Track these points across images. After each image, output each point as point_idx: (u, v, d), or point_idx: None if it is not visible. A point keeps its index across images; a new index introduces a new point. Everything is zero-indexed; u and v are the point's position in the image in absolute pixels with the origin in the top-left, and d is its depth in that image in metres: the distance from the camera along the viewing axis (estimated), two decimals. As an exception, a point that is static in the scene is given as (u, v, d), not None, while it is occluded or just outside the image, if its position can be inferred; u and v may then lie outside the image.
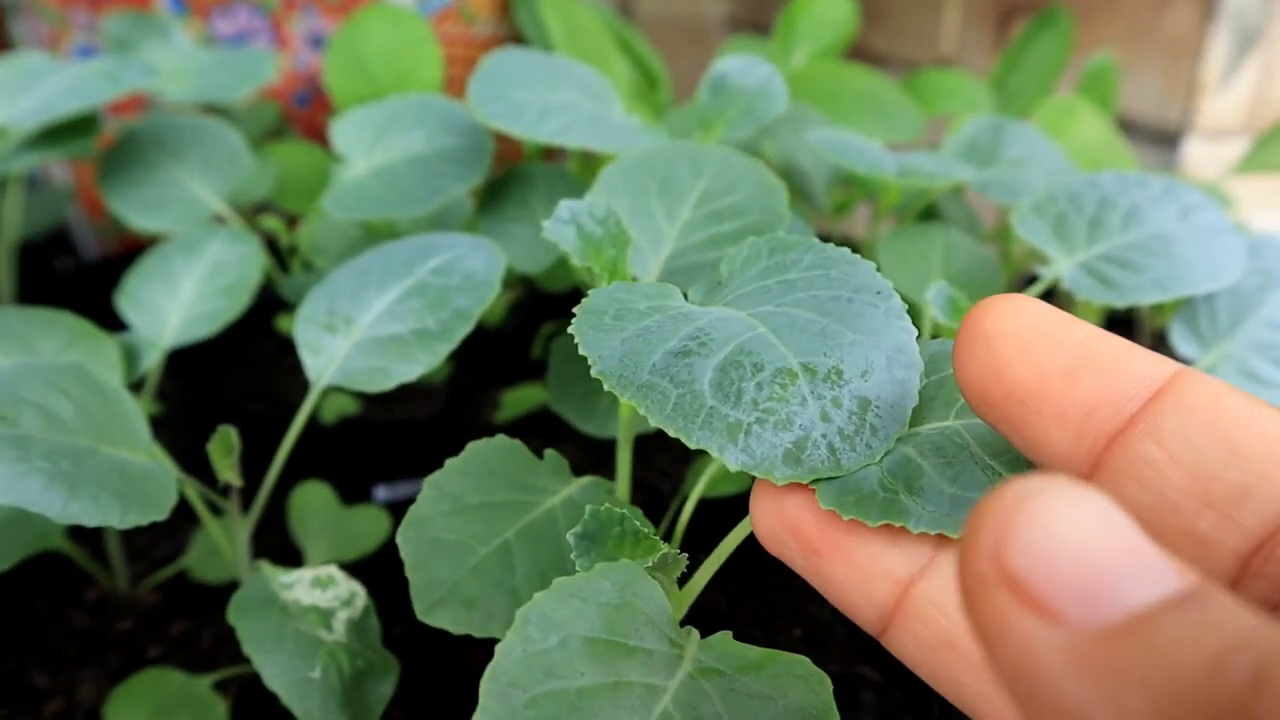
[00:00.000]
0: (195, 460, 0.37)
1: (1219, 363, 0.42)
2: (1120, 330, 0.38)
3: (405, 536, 0.26)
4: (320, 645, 0.30)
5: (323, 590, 0.31)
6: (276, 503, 0.46)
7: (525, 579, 0.26)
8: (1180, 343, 0.44)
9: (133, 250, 0.72)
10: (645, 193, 0.33)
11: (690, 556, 0.25)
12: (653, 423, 0.20)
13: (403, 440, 0.55)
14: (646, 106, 0.69)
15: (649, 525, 0.25)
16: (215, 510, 0.38)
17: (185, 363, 0.57)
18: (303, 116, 0.82)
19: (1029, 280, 0.63)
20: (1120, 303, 0.39)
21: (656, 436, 0.52)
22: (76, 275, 0.74)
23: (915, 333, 0.21)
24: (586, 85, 0.46)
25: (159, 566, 0.44)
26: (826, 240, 0.26)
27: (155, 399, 0.54)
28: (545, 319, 0.61)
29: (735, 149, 0.35)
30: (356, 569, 0.41)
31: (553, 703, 0.19)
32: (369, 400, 0.56)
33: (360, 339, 0.35)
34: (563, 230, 0.28)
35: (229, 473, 0.33)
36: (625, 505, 0.27)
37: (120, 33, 0.63)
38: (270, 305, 0.56)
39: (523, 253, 0.45)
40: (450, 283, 0.34)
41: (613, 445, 0.33)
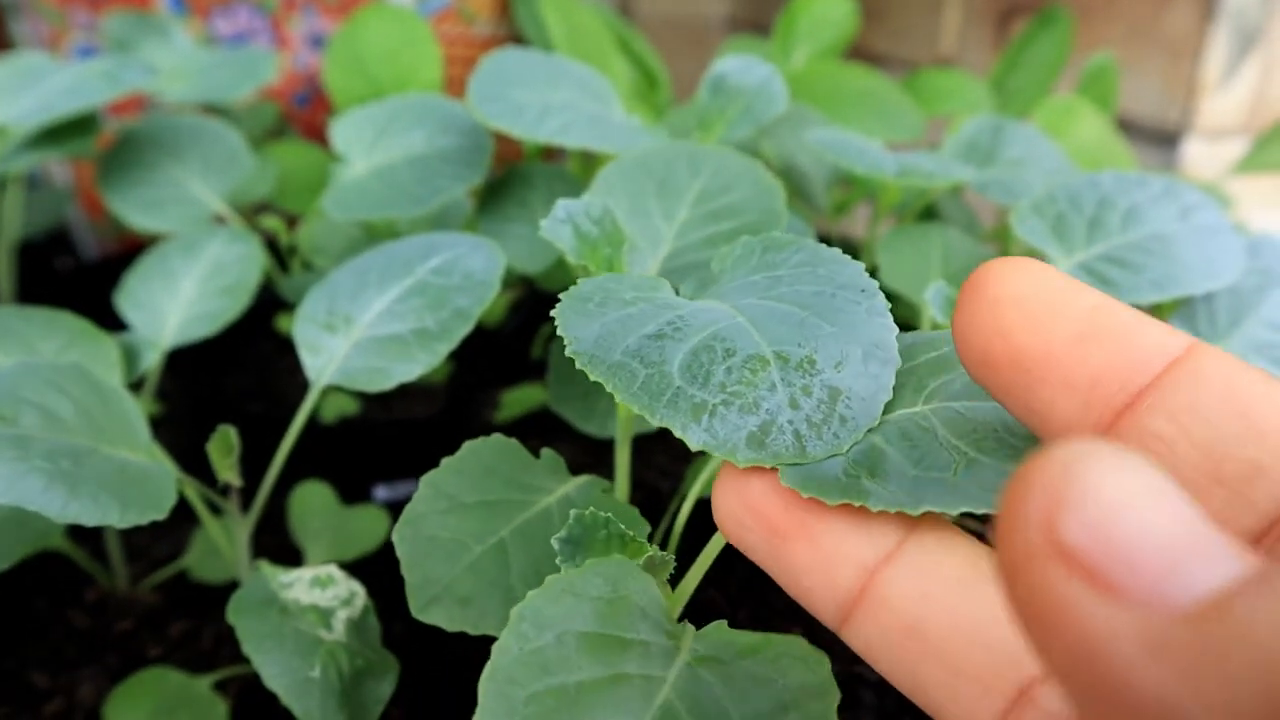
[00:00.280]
0: (195, 460, 0.37)
1: (1218, 362, 0.42)
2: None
3: (401, 535, 0.26)
4: (320, 645, 0.30)
5: (322, 590, 0.31)
6: (276, 502, 0.46)
7: (520, 577, 0.26)
8: (1179, 342, 0.43)
9: (133, 250, 0.72)
10: (643, 193, 0.33)
11: (690, 555, 0.25)
12: (619, 399, 0.20)
13: (403, 440, 0.55)
14: (646, 106, 0.69)
15: (641, 525, 0.25)
16: (215, 510, 0.38)
17: (185, 363, 0.57)
18: (303, 116, 0.82)
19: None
20: (1120, 302, 0.39)
21: (656, 437, 0.52)
22: (76, 275, 0.74)
23: (895, 330, 0.21)
24: (586, 85, 0.46)
25: (159, 566, 0.44)
26: (825, 240, 0.26)
27: (155, 399, 0.54)
28: (545, 319, 0.61)
29: (734, 149, 0.35)
30: (356, 569, 0.41)
31: (552, 699, 0.19)
32: (369, 400, 0.56)
33: (360, 339, 0.35)
34: (559, 229, 0.28)
35: (229, 472, 0.34)
36: (622, 505, 0.28)
37: (120, 33, 0.63)
38: (270, 305, 0.56)
39: (522, 252, 0.45)
40: (450, 282, 0.34)
41: (613, 445, 0.33)
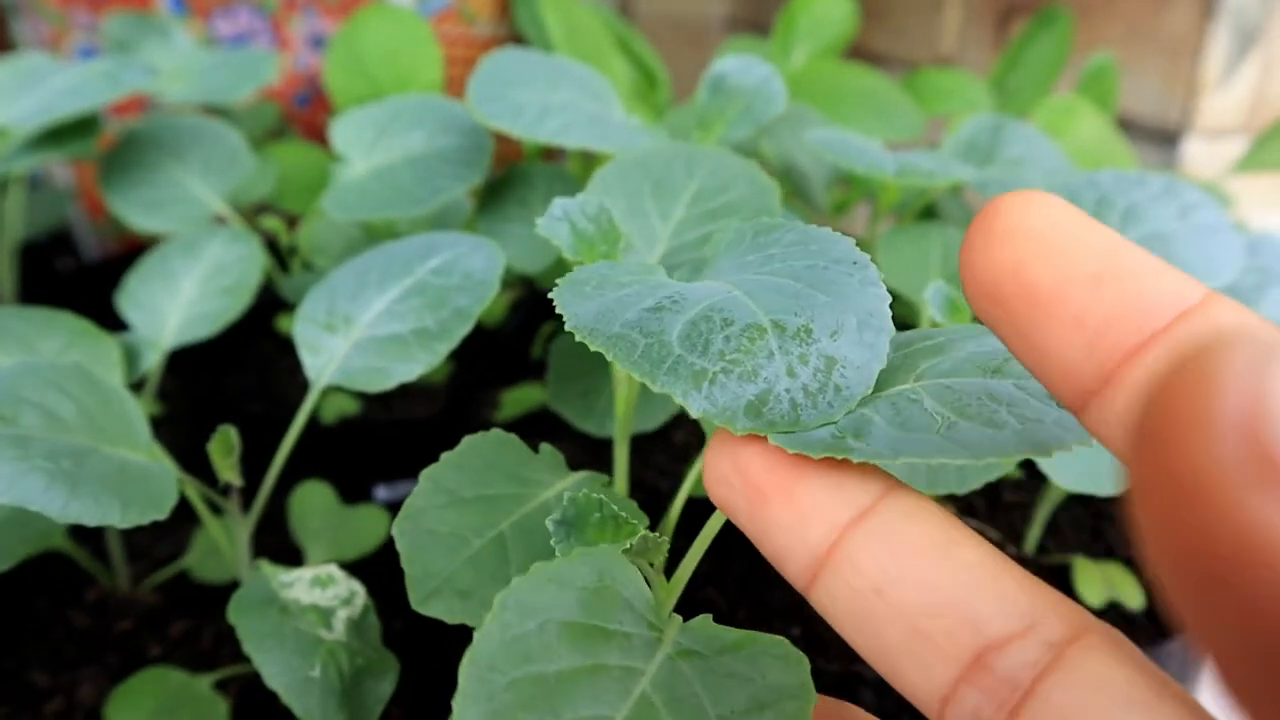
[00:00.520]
0: (195, 460, 0.37)
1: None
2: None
3: (401, 529, 0.26)
4: (320, 644, 0.30)
5: (322, 589, 0.31)
6: (277, 502, 0.46)
7: (520, 570, 0.26)
8: (1178, 341, 0.44)
9: (133, 250, 0.72)
10: (639, 193, 0.33)
11: (686, 552, 0.25)
12: (620, 367, 0.20)
13: (403, 440, 0.55)
14: (646, 106, 0.69)
15: (639, 518, 0.25)
16: (215, 510, 0.38)
17: (185, 363, 0.57)
18: (303, 117, 0.82)
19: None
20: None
21: (655, 436, 0.53)
22: (77, 275, 0.74)
23: (889, 299, 0.21)
24: (586, 85, 0.46)
25: (159, 566, 0.44)
26: None
27: (155, 399, 0.54)
28: (545, 319, 0.61)
29: (731, 149, 0.35)
30: (356, 568, 0.41)
31: (531, 685, 0.19)
32: (369, 400, 0.56)
33: (360, 338, 0.35)
34: (556, 227, 0.28)
35: (229, 472, 0.34)
36: (621, 499, 0.28)
37: (121, 33, 0.63)
38: (270, 305, 0.56)
39: (522, 252, 0.45)
40: (450, 282, 0.35)
41: (611, 445, 0.33)
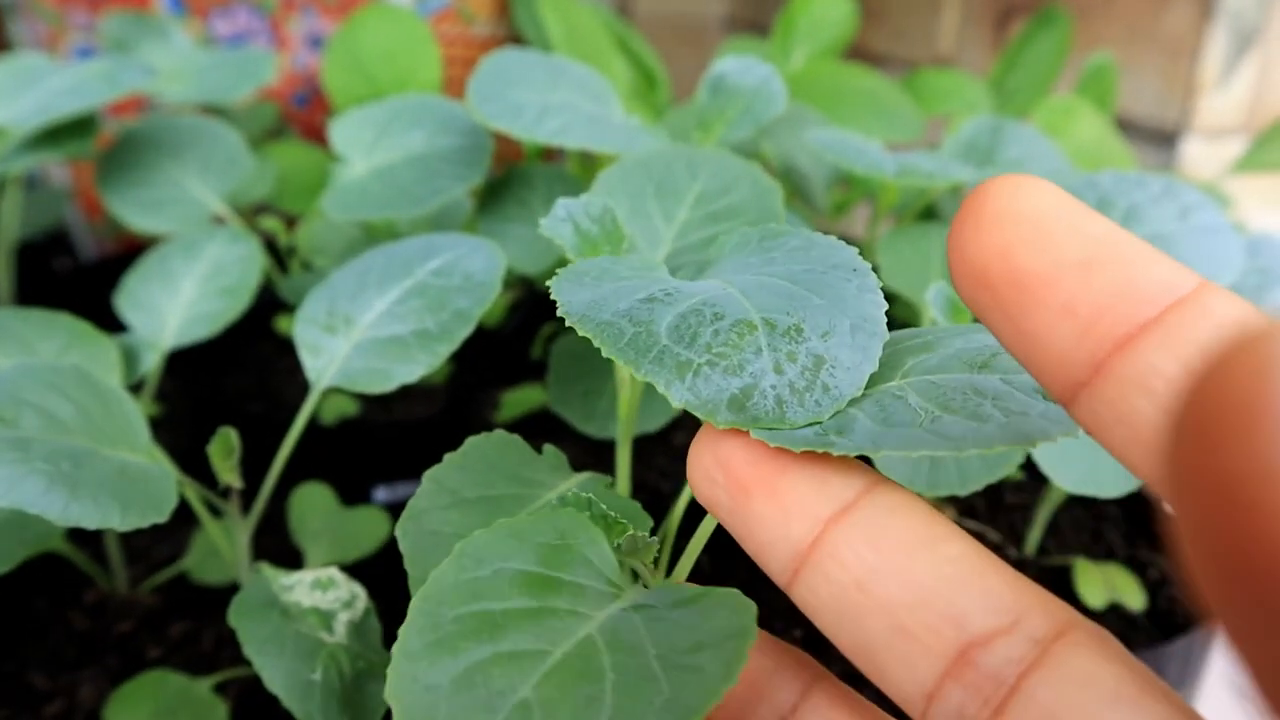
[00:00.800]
0: (195, 461, 0.37)
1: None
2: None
3: (404, 530, 0.26)
4: (321, 647, 0.30)
5: (323, 592, 0.31)
6: (276, 504, 0.46)
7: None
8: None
9: (132, 251, 0.72)
10: (643, 194, 0.33)
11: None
12: (605, 353, 0.20)
13: (403, 441, 0.55)
14: (646, 106, 0.69)
15: (643, 519, 0.25)
16: (215, 512, 0.38)
17: (185, 364, 0.57)
18: (302, 117, 0.82)
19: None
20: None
21: (657, 438, 0.53)
22: (75, 276, 0.73)
23: (885, 306, 0.21)
24: (585, 86, 0.46)
25: (159, 568, 0.44)
26: None
27: (155, 400, 0.54)
28: (545, 319, 0.61)
29: (731, 150, 0.35)
30: (357, 570, 0.41)
31: (476, 621, 0.19)
32: (369, 401, 0.56)
33: (360, 340, 0.35)
34: (559, 227, 0.28)
35: (229, 474, 0.33)
36: (624, 500, 0.28)
37: (119, 33, 0.63)
38: (270, 306, 0.56)
39: (522, 253, 0.45)
40: (450, 283, 0.34)
41: (613, 447, 0.33)
